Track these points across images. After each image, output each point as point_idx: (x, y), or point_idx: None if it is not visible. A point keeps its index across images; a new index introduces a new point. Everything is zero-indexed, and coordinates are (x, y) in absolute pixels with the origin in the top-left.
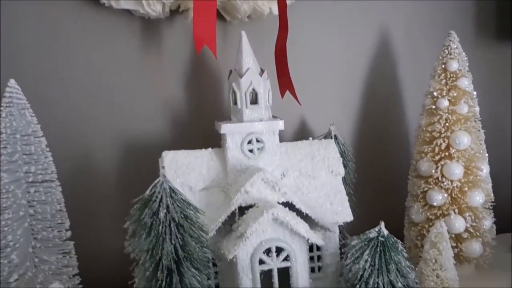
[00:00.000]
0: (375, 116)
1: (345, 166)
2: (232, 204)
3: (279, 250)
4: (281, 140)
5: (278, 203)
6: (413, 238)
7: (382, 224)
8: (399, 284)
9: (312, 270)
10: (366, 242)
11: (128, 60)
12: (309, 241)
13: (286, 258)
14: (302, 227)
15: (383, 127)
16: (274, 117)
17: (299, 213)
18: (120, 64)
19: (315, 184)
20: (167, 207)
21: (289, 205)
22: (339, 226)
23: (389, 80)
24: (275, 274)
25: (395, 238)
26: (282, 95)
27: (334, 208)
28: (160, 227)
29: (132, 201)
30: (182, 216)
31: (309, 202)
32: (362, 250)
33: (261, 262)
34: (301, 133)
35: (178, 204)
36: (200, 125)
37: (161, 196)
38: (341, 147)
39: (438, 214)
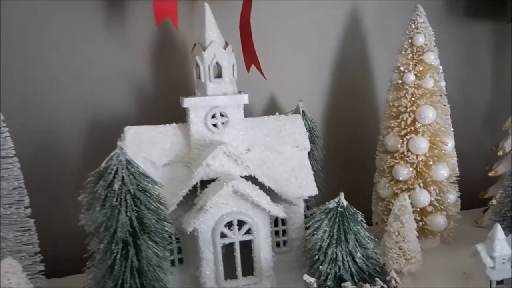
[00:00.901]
0: (345, 92)
1: (312, 142)
2: (194, 177)
3: (241, 224)
4: (250, 116)
5: (241, 176)
6: (380, 213)
7: (342, 195)
8: (359, 254)
9: (278, 244)
10: (325, 213)
11: (93, 34)
12: (271, 214)
13: (248, 232)
14: (263, 199)
15: (353, 103)
16: (240, 92)
17: (263, 187)
18: (84, 38)
19: (280, 159)
20: (123, 179)
21: (252, 179)
22: (307, 202)
23: (359, 56)
24: (237, 247)
25: (354, 209)
26: (248, 69)
27: (299, 182)
28: (114, 199)
29: (88, 173)
30: (139, 188)
31: (274, 176)
32: (321, 221)
33: (223, 235)
34: (271, 109)
35: (135, 176)
36: (167, 101)
37: (117, 168)
38: (309, 123)
39: (404, 189)
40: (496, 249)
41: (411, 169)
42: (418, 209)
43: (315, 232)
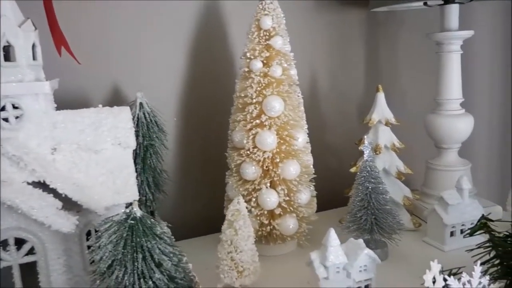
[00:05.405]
0: (203, 82)
1: (153, 139)
2: None
3: (22, 242)
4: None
5: (29, 183)
6: None
7: (135, 204)
8: (157, 275)
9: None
10: (107, 228)
11: None
12: (51, 229)
13: (32, 251)
14: (42, 212)
15: (212, 94)
16: (51, 79)
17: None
18: None
19: (97, 159)
20: None
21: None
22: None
23: (220, 42)
24: (16, 272)
25: (152, 221)
26: (59, 52)
27: (117, 187)
28: None
29: None
30: None
31: (86, 181)
32: (100, 238)
33: None
34: (114, 102)
35: None
36: None
37: None
38: (147, 116)
39: (251, 190)
40: (329, 257)
41: (257, 167)
42: (266, 212)
43: (95, 251)
